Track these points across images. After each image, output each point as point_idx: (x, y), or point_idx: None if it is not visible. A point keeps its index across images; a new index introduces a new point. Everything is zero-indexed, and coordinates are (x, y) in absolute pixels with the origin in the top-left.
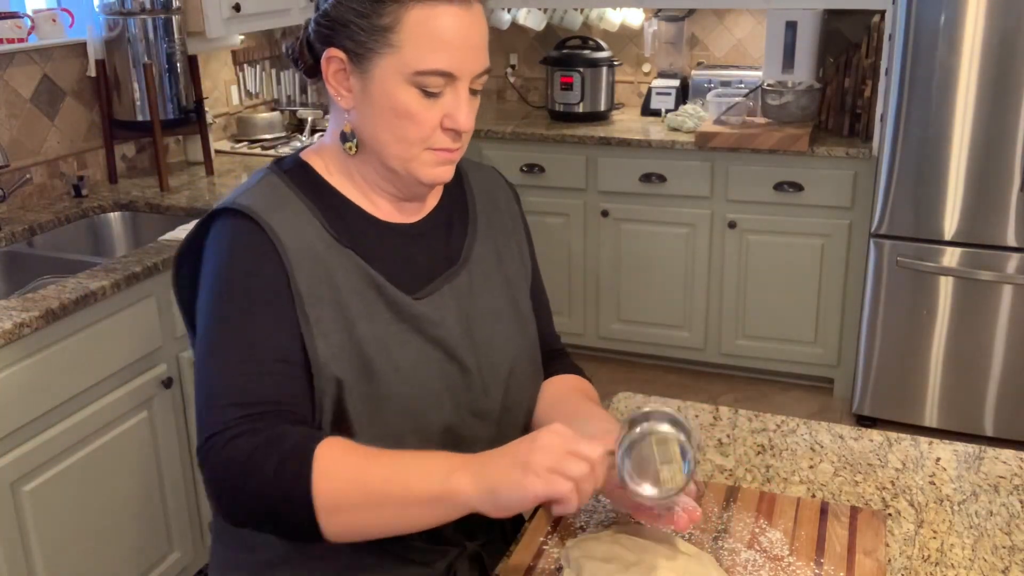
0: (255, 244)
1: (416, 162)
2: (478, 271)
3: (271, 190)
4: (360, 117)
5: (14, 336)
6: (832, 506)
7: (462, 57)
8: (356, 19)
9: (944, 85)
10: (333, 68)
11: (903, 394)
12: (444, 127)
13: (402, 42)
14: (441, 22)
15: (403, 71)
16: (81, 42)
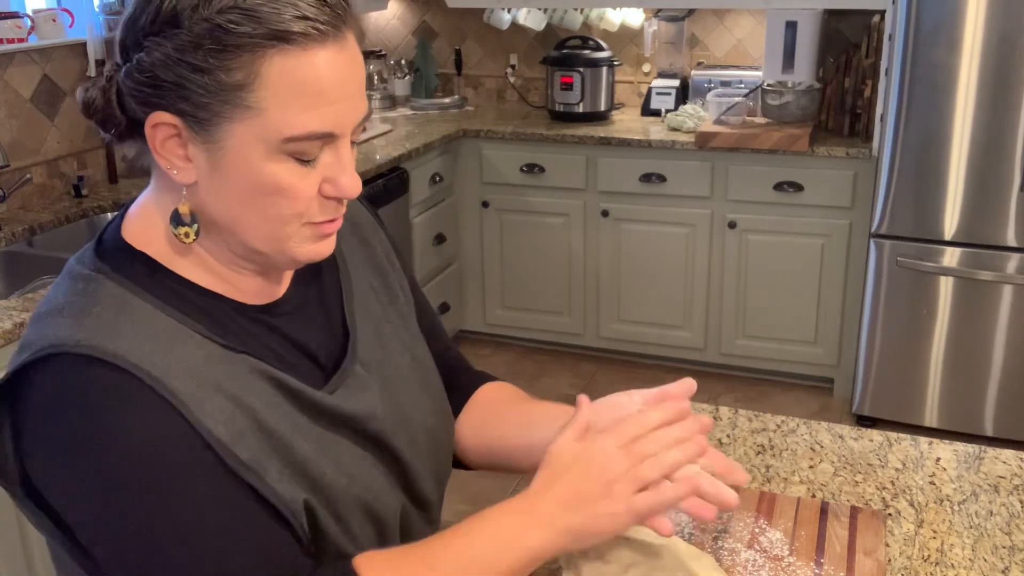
0: (136, 398)
1: (291, 241)
2: (369, 338)
3: (115, 309)
4: (207, 193)
5: (14, 336)
6: (832, 506)
7: (342, 110)
8: (192, 75)
9: (944, 85)
10: (162, 136)
11: (903, 394)
12: (324, 195)
13: (262, 102)
14: (312, 72)
15: (267, 139)
16: (81, 42)
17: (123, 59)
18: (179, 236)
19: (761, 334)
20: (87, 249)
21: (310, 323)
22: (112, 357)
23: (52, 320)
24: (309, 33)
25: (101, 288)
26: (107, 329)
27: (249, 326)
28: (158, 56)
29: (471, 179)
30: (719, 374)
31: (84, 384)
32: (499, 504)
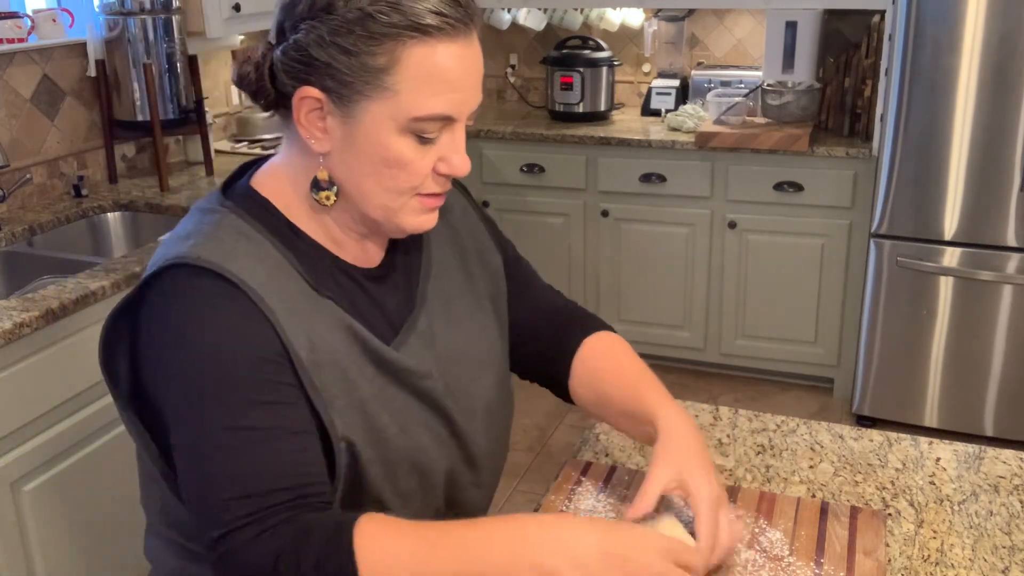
0: (235, 307)
1: (402, 211)
2: (435, 312)
3: (235, 235)
4: (337, 162)
5: (14, 336)
6: (832, 506)
7: (463, 98)
8: (342, 57)
9: (944, 85)
10: (307, 108)
11: (903, 394)
12: (437, 172)
13: (398, 85)
14: (443, 62)
15: (398, 117)
16: (81, 42)
17: (277, 39)
18: (320, 200)
19: (761, 334)
20: (212, 193)
21: (394, 289)
22: (222, 270)
23: (176, 243)
24: (443, 28)
25: (224, 219)
26: (224, 249)
27: (342, 279)
28: (313, 38)
29: (471, 179)
30: (719, 374)
31: (193, 288)
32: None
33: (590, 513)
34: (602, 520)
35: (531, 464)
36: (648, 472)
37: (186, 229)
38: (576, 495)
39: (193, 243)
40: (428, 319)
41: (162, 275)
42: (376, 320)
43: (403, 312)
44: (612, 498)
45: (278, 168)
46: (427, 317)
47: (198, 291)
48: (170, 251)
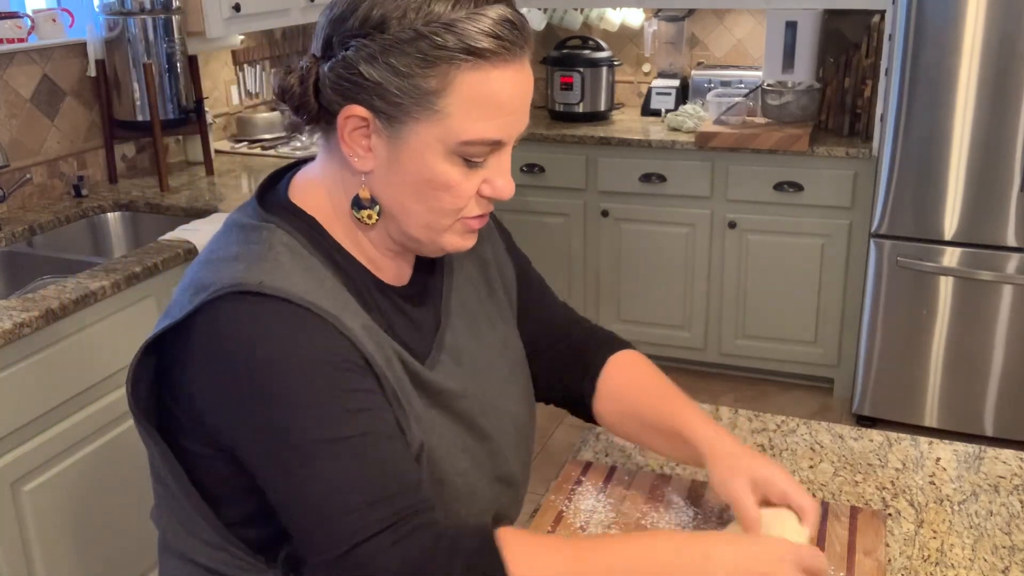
0: (308, 325)
1: (445, 232)
2: (459, 328)
3: (289, 256)
4: (380, 181)
5: (14, 336)
6: (832, 506)
7: (513, 122)
8: (394, 78)
9: (944, 85)
10: (352, 126)
11: (903, 394)
12: (482, 194)
13: (449, 108)
14: (497, 87)
15: (447, 140)
16: (81, 42)
17: (324, 53)
18: (361, 218)
19: (761, 334)
20: (248, 204)
21: (424, 307)
22: (287, 295)
23: (229, 265)
24: (498, 52)
25: (274, 236)
26: (284, 272)
27: (381, 300)
28: (363, 56)
29: None
30: (719, 374)
31: (259, 313)
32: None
33: (589, 512)
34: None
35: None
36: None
37: (231, 250)
38: (576, 495)
39: (247, 267)
40: (454, 335)
41: (219, 303)
42: (414, 341)
43: (429, 330)
44: (612, 498)
45: (316, 182)
46: (452, 333)
47: (266, 316)
48: (222, 275)
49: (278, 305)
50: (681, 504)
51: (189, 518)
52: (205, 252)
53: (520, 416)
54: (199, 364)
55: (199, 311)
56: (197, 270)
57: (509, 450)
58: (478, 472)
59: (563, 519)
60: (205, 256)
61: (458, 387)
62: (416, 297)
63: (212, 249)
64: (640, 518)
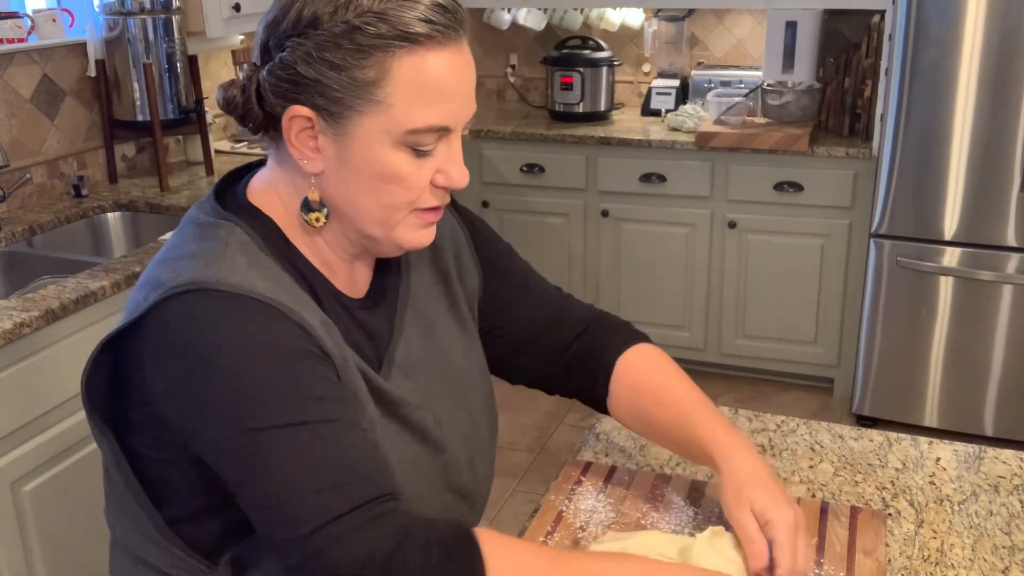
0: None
1: (400, 227)
2: (413, 339)
3: (243, 254)
4: (331, 181)
5: (14, 336)
6: (832, 506)
7: (458, 107)
8: (331, 72)
9: (944, 85)
10: (297, 128)
11: (903, 394)
12: (435, 184)
13: (390, 98)
14: (435, 71)
15: (392, 131)
16: (81, 42)
17: (263, 59)
18: (310, 221)
19: (761, 334)
20: (207, 202)
21: (380, 318)
22: (254, 293)
23: (185, 262)
24: (432, 35)
25: (232, 234)
26: (240, 271)
27: (336, 307)
28: (299, 55)
29: (471, 179)
30: (719, 374)
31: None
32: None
33: (589, 513)
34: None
35: (531, 464)
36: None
37: (188, 247)
38: (576, 495)
39: (204, 264)
40: (407, 347)
41: (176, 299)
42: (368, 350)
43: (386, 340)
44: (612, 498)
45: (269, 186)
46: (406, 345)
47: (223, 311)
48: (178, 273)
49: (236, 300)
50: (681, 504)
51: (135, 516)
52: (162, 250)
53: (479, 429)
54: (156, 361)
55: (154, 308)
56: (153, 268)
57: (464, 463)
58: (428, 483)
59: (563, 519)
60: (162, 254)
61: (412, 399)
62: (373, 308)
63: (169, 247)
64: (640, 518)
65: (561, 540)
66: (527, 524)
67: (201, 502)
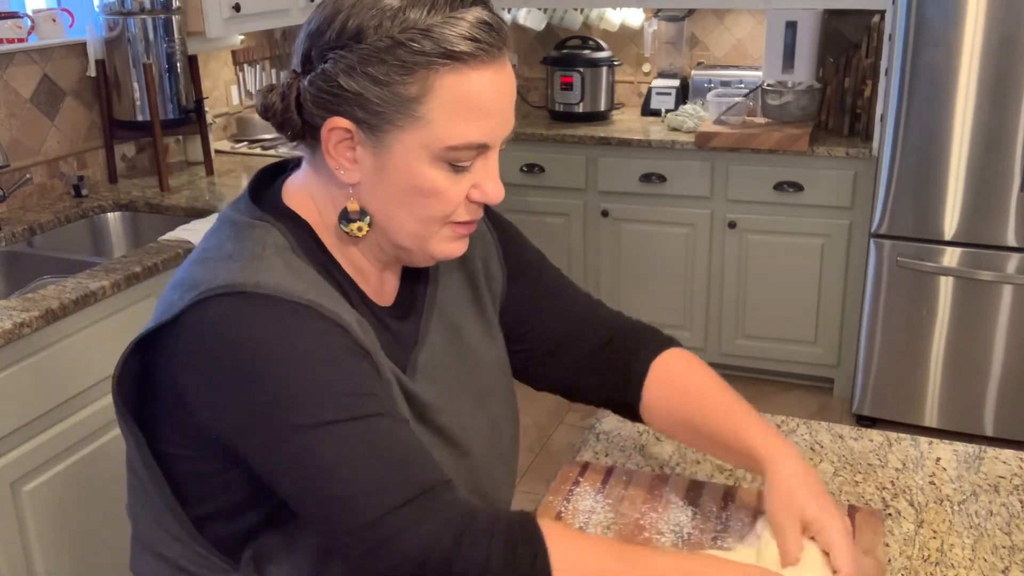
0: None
1: (434, 239)
2: (440, 344)
3: (284, 260)
4: (367, 192)
5: (14, 336)
6: None
7: (497, 124)
8: (374, 87)
9: (944, 85)
10: (336, 139)
11: (903, 394)
12: (471, 199)
13: (431, 114)
14: (477, 89)
15: (431, 146)
16: (81, 42)
17: (303, 68)
18: (351, 231)
19: (761, 334)
20: (242, 201)
21: (406, 322)
22: (291, 296)
23: (223, 263)
24: (476, 54)
25: (268, 235)
26: (277, 272)
27: (369, 315)
28: (342, 67)
29: None
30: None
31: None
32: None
33: (588, 514)
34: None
35: (531, 464)
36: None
37: (225, 248)
38: (574, 495)
39: (241, 266)
40: (431, 352)
41: (214, 301)
42: (397, 355)
43: (410, 346)
44: (611, 498)
45: (304, 194)
46: (429, 351)
47: (261, 312)
48: (215, 274)
49: (274, 302)
50: (679, 503)
51: (159, 512)
52: (198, 250)
53: (502, 433)
54: (191, 362)
55: (190, 310)
56: (189, 268)
57: (488, 467)
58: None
59: (562, 519)
60: (198, 254)
61: (437, 402)
62: (401, 315)
63: (205, 247)
64: (639, 518)
65: None
66: None
67: (226, 501)
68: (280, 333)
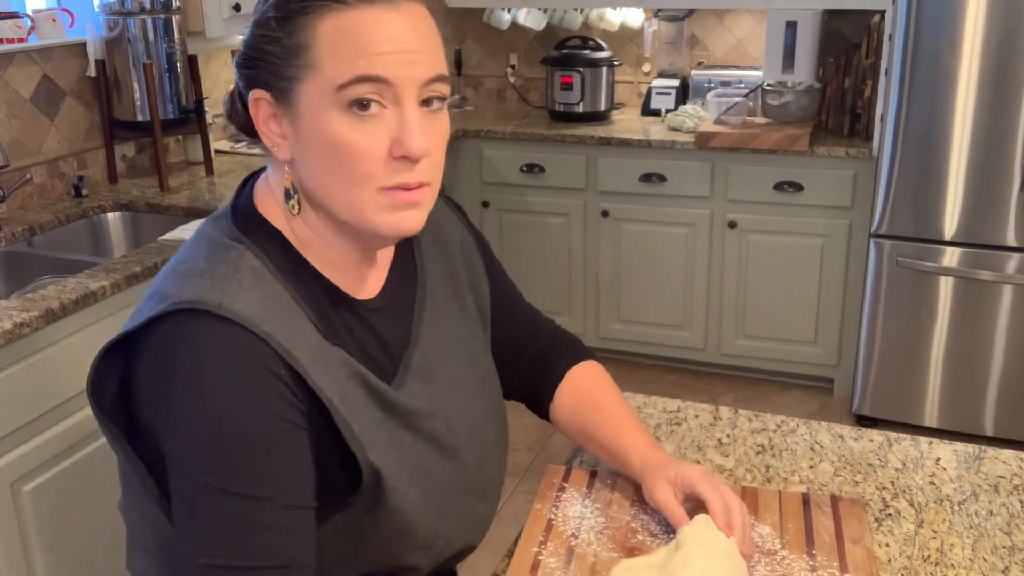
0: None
1: (370, 208)
2: (430, 344)
3: (253, 280)
4: (301, 167)
5: (14, 336)
6: (813, 497)
7: (396, 60)
8: (269, 46)
9: (944, 85)
10: (263, 114)
11: (903, 394)
12: (394, 156)
13: (320, 59)
14: (362, 25)
15: (326, 91)
16: (81, 42)
17: None
18: (290, 208)
19: (761, 334)
20: (223, 216)
21: (393, 321)
22: (246, 321)
23: (193, 280)
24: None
25: (242, 259)
26: (245, 297)
27: (347, 317)
28: (249, 38)
29: (471, 179)
30: (719, 374)
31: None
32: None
33: (578, 519)
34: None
35: (531, 464)
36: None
37: (197, 264)
38: (562, 502)
39: (210, 284)
40: (424, 352)
41: (176, 316)
42: (380, 357)
43: (401, 346)
44: (599, 502)
45: (268, 190)
46: (423, 350)
47: (216, 339)
48: (184, 289)
49: (232, 329)
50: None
51: (155, 516)
52: (172, 262)
53: (489, 432)
54: (147, 371)
55: (157, 320)
56: (162, 280)
57: (478, 465)
58: (444, 491)
59: (553, 527)
60: (172, 266)
61: (425, 406)
62: (385, 310)
63: (180, 259)
64: (630, 520)
65: (556, 549)
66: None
67: None
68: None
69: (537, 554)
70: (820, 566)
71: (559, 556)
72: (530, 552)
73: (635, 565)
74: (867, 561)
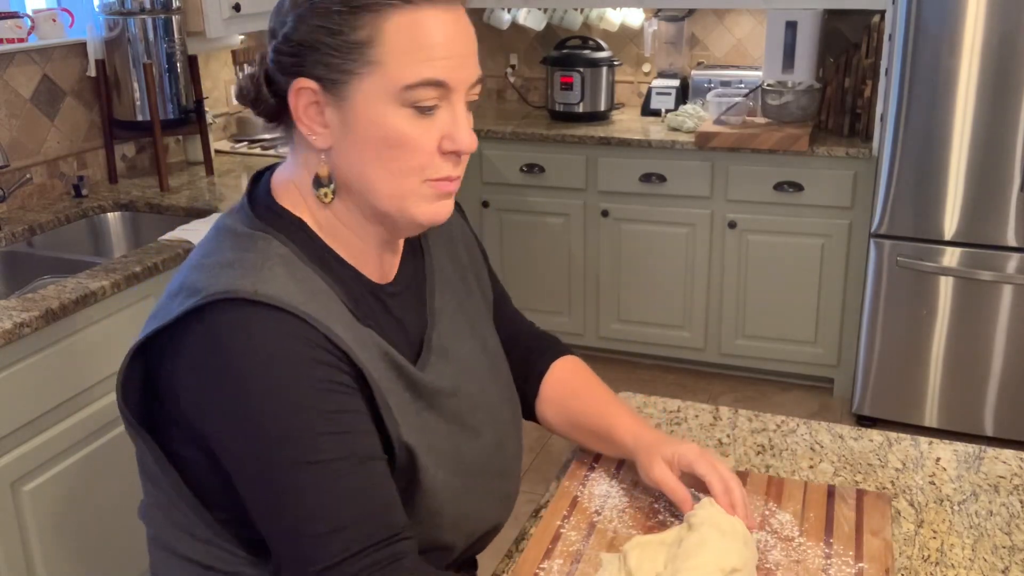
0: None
1: (412, 198)
2: (445, 326)
3: (283, 266)
4: (341, 156)
5: (14, 336)
6: (839, 489)
7: (454, 64)
8: (327, 38)
9: (944, 85)
10: (304, 102)
11: (903, 394)
12: (443, 151)
13: (384, 56)
14: (427, 28)
15: (390, 89)
16: (81, 42)
17: (271, 42)
18: (320, 197)
19: (761, 334)
20: (241, 209)
21: (408, 305)
22: (284, 304)
23: (224, 271)
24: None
25: (270, 246)
26: (279, 283)
27: (372, 302)
28: (298, 26)
29: (471, 179)
30: (719, 374)
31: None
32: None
33: (603, 498)
34: None
35: (531, 464)
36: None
37: (225, 256)
38: (590, 481)
39: (242, 273)
40: (440, 334)
41: (213, 307)
42: (401, 340)
43: (418, 328)
44: (624, 483)
45: (289, 181)
46: (439, 332)
47: (258, 324)
48: (217, 280)
49: (272, 313)
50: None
51: (183, 516)
52: (196, 256)
53: (504, 411)
54: (189, 367)
55: (191, 314)
56: (188, 274)
57: (498, 444)
58: (468, 471)
59: (578, 503)
60: (196, 260)
61: (449, 386)
62: (401, 294)
63: (204, 253)
64: (653, 502)
65: (577, 523)
66: (527, 525)
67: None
68: (269, 355)
69: (559, 527)
70: (835, 554)
71: (580, 530)
72: (553, 525)
73: (647, 541)
74: (884, 553)
